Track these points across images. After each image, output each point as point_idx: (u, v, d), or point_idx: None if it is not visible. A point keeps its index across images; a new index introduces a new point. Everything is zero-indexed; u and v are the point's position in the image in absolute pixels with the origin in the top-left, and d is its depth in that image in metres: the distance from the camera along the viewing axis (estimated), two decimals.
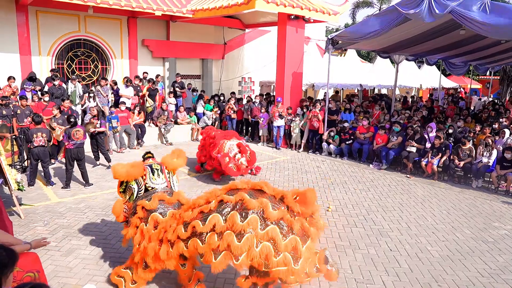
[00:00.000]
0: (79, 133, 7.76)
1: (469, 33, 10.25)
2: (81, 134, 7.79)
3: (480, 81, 27.51)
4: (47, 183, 8.04)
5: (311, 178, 9.13)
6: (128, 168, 4.29)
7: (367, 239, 5.90)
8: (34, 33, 11.81)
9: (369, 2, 30.27)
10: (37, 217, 6.36)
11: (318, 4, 12.34)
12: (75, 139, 7.70)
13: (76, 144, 7.76)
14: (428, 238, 5.98)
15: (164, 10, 12.17)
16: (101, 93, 11.90)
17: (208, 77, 16.43)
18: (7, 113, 8.86)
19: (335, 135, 11.47)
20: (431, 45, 12.53)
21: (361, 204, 7.42)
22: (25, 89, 10.43)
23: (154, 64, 14.70)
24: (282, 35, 12.27)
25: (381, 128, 10.63)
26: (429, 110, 14.19)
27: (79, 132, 7.77)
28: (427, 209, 7.27)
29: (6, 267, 2.10)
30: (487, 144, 9.01)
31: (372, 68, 19.73)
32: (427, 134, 10.11)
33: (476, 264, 5.21)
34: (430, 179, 9.34)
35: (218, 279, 4.64)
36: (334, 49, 11.78)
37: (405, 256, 5.38)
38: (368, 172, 9.86)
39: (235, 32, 16.51)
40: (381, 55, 14.67)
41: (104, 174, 8.94)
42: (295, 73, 12.67)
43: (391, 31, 10.10)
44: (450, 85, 23.70)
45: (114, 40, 13.54)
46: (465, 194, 8.29)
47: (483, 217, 7.00)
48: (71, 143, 7.72)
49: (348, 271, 4.93)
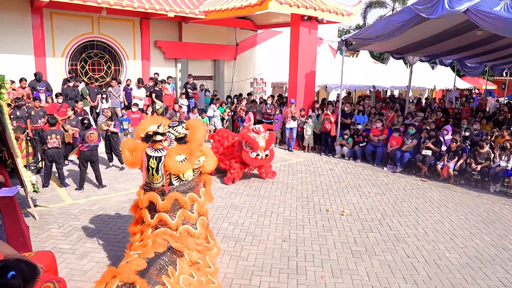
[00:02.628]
0: (93, 135, 7.80)
1: (486, 33, 10.05)
2: (95, 136, 7.82)
3: (495, 82, 27.03)
4: (61, 185, 8.08)
5: (324, 181, 9.03)
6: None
7: (383, 244, 5.79)
8: (48, 35, 11.93)
9: (382, 2, 29.94)
10: (51, 219, 6.38)
11: (331, 5, 12.22)
12: (89, 141, 7.74)
13: (90, 147, 7.80)
14: (446, 245, 5.85)
15: (176, 11, 12.19)
16: (113, 94, 11.96)
17: (220, 78, 16.41)
18: (21, 115, 8.94)
19: (348, 138, 11.34)
20: (446, 46, 12.32)
21: (376, 208, 7.30)
22: (39, 90, 10.52)
23: (166, 65, 14.74)
24: (295, 36, 12.18)
25: (396, 130, 10.47)
26: (444, 112, 13.97)
27: (93, 134, 7.80)
28: (444, 214, 7.12)
29: (28, 283, 2.11)
30: (504, 147, 8.80)
31: (385, 69, 19.50)
32: (443, 137, 9.93)
33: (498, 272, 5.07)
34: (446, 182, 9.16)
35: (233, 285, 4.60)
36: (347, 49, 11.66)
37: (423, 263, 5.26)
38: (382, 175, 9.71)
39: (247, 33, 16.47)
40: (395, 56, 14.47)
41: (117, 176, 8.95)
42: (308, 74, 12.57)
43: (406, 32, 9.93)
44: (464, 86, 23.34)
45: (127, 41, 13.61)
46: (483, 199, 8.11)
47: (503, 223, 6.82)
48: (85, 145, 7.75)
49: (365, 278, 4.84)
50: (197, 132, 3.99)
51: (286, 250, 5.52)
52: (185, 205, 4.06)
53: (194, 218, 4.13)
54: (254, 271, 4.91)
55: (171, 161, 3.82)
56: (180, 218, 4.04)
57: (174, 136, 4.01)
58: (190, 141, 3.97)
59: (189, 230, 4.08)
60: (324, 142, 11.85)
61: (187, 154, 3.90)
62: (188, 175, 4.06)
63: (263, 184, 8.69)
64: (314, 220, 6.66)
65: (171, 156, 3.84)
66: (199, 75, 15.63)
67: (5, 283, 2.05)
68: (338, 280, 4.78)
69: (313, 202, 7.54)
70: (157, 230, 3.98)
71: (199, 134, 3.99)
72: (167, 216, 4.01)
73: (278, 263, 5.14)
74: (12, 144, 5.86)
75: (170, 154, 3.86)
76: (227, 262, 5.11)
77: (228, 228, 6.20)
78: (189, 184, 4.12)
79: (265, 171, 9.01)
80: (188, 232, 4.07)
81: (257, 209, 7.11)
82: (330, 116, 11.42)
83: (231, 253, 5.37)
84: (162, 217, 4.00)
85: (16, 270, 2.08)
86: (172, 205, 4.01)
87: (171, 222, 4.00)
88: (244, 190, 8.19)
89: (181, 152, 3.89)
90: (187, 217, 4.09)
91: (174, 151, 3.87)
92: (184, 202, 4.04)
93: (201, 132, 4.02)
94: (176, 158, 3.84)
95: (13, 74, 10.03)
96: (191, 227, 4.11)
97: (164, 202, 3.98)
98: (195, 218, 4.16)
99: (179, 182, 4.03)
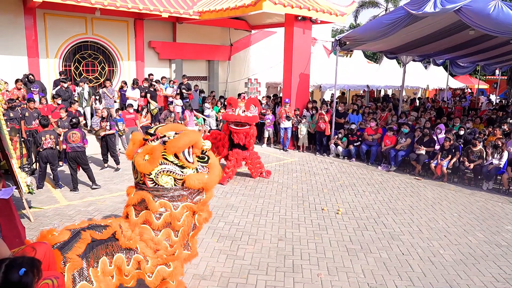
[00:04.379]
0: (75, 136, 7.71)
1: (478, 33, 10.16)
2: (77, 137, 7.72)
3: (487, 81, 27.31)
4: (56, 186, 8.05)
5: (319, 180, 9.07)
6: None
7: (378, 242, 5.84)
8: (41, 36, 11.85)
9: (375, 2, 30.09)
10: (46, 220, 6.36)
11: (325, 5, 12.29)
12: (71, 141, 7.67)
13: (73, 148, 7.73)
14: (440, 242, 5.91)
15: (171, 12, 12.18)
16: (107, 94, 11.92)
17: (215, 79, 16.42)
18: (14, 116, 8.89)
19: (343, 137, 11.40)
20: (439, 45, 12.45)
21: (371, 207, 7.36)
22: (32, 92, 10.46)
23: (160, 65, 14.71)
24: (289, 36, 12.23)
25: (389, 129, 10.55)
26: (437, 111, 14.09)
27: (75, 135, 7.71)
28: (438, 212, 7.19)
29: (37, 277, 2.09)
30: (496, 145, 8.91)
31: (379, 69, 19.64)
32: (436, 135, 10.03)
33: (491, 268, 5.14)
34: (439, 181, 9.25)
35: (229, 284, 4.62)
36: (341, 49, 11.72)
37: (417, 260, 5.31)
38: (376, 174, 9.78)
39: (241, 34, 16.49)
40: (388, 56, 14.59)
41: (113, 177, 8.93)
42: (302, 74, 12.62)
43: (400, 32, 10.03)
44: (457, 86, 23.54)
45: (120, 42, 13.56)
46: (476, 197, 8.20)
47: (495, 220, 6.91)
48: (68, 146, 7.70)
49: (361, 276, 4.88)
50: (176, 140, 3.82)
51: (282, 248, 5.55)
52: (151, 208, 3.84)
53: (156, 225, 3.86)
54: (250, 270, 4.93)
55: (137, 158, 3.82)
56: (142, 218, 3.87)
57: (167, 139, 3.90)
58: (166, 145, 3.83)
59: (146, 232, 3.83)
60: (319, 142, 11.90)
61: (150, 155, 3.79)
62: (166, 182, 3.85)
63: (258, 183, 8.72)
64: (310, 219, 6.70)
65: (140, 154, 3.83)
66: (193, 76, 15.61)
67: (19, 280, 2.00)
68: (334, 278, 4.81)
69: (308, 201, 7.58)
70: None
71: (176, 142, 3.81)
72: (132, 211, 3.92)
73: (274, 261, 5.17)
74: (7, 145, 5.83)
75: (141, 152, 3.84)
76: (224, 261, 5.13)
77: (224, 228, 6.22)
78: (166, 192, 3.89)
79: (253, 167, 9.02)
80: (142, 233, 3.81)
81: (253, 208, 7.13)
82: (324, 115, 11.47)
83: (228, 252, 5.39)
84: (128, 210, 3.95)
85: (25, 266, 2.04)
86: (138, 203, 3.89)
87: (132, 217, 3.89)
88: (239, 190, 8.21)
89: (147, 152, 3.82)
90: (149, 220, 3.87)
91: (145, 150, 3.84)
92: (151, 204, 3.83)
93: (180, 142, 3.82)
94: (144, 157, 3.80)
95: (6, 75, 9.95)
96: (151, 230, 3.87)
97: (132, 197, 3.93)
98: (158, 226, 3.87)
99: (154, 185, 3.86)
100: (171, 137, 3.89)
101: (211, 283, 4.61)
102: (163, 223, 3.88)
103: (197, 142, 4.02)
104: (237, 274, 4.83)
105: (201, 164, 4.05)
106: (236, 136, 8.63)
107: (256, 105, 8.73)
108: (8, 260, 2.07)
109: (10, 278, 2.00)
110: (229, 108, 8.78)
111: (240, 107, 8.57)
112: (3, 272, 2.01)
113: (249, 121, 8.54)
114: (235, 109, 8.59)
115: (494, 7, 7.81)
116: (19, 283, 2.00)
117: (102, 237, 3.37)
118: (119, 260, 3.48)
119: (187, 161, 3.90)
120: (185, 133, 3.97)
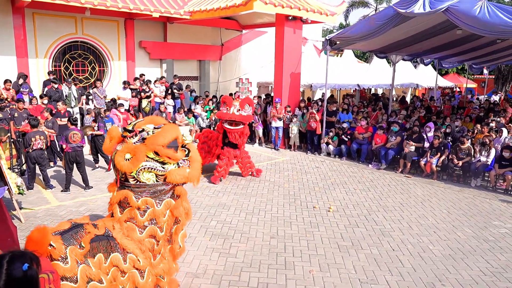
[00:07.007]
0: (76, 136, 7.71)
1: (465, 32, 10.31)
2: (78, 137, 7.74)
3: (475, 80, 27.67)
4: (47, 187, 8.00)
5: (311, 178, 9.14)
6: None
7: (369, 239, 5.92)
8: (31, 36, 11.75)
9: (365, 2, 30.31)
10: (38, 221, 6.33)
11: (315, 5, 12.37)
12: (72, 142, 7.66)
13: (73, 148, 7.73)
14: (429, 238, 6.01)
15: (161, 11, 12.16)
16: (98, 95, 11.86)
17: (206, 79, 16.42)
18: (3, 116, 8.81)
19: (334, 136, 11.49)
20: (428, 44, 12.60)
21: (362, 204, 7.44)
22: (22, 92, 10.37)
23: (151, 65, 14.67)
24: (280, 36, 12.29)
25: (380, 128, 10.66)
26: (427, 109, 14.26)
27: (76, 135, 7.72)
28: (427, 209, 7.30)
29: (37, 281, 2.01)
30: (484, 143, 9.07)
31: (369, 68, 19.78)
32: (426, 133, 10.15)
33: (478, 262, 5.24)
34: (429, 178, 9.38)
35: (222, 281, 4.65)
36: (332, 49, 11.81)
37: (407, 256, 5.40)
38: (367, 172, 9.88)
39: (232, 33, 16.51)
40: (378, 55, 14.72)
41: (104, 177, 8.90)
42: (293, 73, 12.69)
43: (389, 31, 10.14)
44: (446, 85, 23.83)
45: (111, 42, 13.50)
46: (465, 193, 8.34)
47: (483, 215, 7.04)
48: (68, 146, 7.68)
49: (352, 272, 4.95)
50: (156, 137, 3.77)
51: (274, 246, 5.59)
52: (133, 206, 3.81)
53: (141, 221, 3.82)
54: (243, 268, 4.97)
55: (117, 157, 3.75)
56: (126, 215, 3.83)
57: (146, 135, 3.83)
58: (146, 143, 3.76)
59: (132, 228, 3.80)
60: (310, 141, 11.98)
61: (132, 154, 3.73)
62: (148, 178, 3.81)
63: (250, 182, 8.75)
64: (302, 216, 6.76)
65: (120, 152, 3.77)
66: (184, 76, 15.60)
67: (24, 275, 1.88)
68: (326, 274, 4.87)
69: (300, 199, 7.64)
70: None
71: (158, 139, 3.75)
72: (117, 208, 3.87)
73: (267, 259, 5.21)
74: None
75: (121, 150, 3.78)
76: (216, 259, 5.16)
77: (216, 226, 6.25)
78: (148, 188, 3.83)
79: (243, 166, 9.07)
80: (129, 229, 3.78)
81: (245, 207, 7.17)
82: (315, 114, 11.55)
83: (220, 251, 5.42)
84: (112, 208, 3.91)
85: (27, 260, 1.92)
86: (122, 201, 3.84)
87: (117, 214, 3.85)
88: (231, 189, 8.24)
89: (129, 151, 3.75)
90: (133, 217, 3.83)
91: (126, 149, 3.76)
92: (132, 202, 3.79)
93: (161, 137, 3.77)
94: (125, 156, 3.72)
95: None
96: (136, 228, 3.83)
97: (115, 195, 3.88)
98: (142, 222, 3.83)
99: (135, 182, 3.80)
100: (150, 132, 3.82)
101: (204, 281, 4.64)
102: (146, 219, 3.84)
103: (177, 137, 3.96)
104: (229, 271, 4.87)
105: (182, 158, 3.99)
106: (230, 135, 8.67)
107: (250, 105, 8.77)
108: (8, 255, 1.91)
109: (15, 274, 1.86)
110: (223, 107, 8.80)
111: (234, 106, 8.60)
112: (5, 268, 1.86)
113: (244, 120, 8.57)
114: (230, 108, 8.62)
115: (480, 8, 7.95)
116: (24, 278, 1.88)
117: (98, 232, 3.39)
118: (115, 258, 3.46)
119: (173, 156, 3.86)
120: (164, 128, 3.88)
